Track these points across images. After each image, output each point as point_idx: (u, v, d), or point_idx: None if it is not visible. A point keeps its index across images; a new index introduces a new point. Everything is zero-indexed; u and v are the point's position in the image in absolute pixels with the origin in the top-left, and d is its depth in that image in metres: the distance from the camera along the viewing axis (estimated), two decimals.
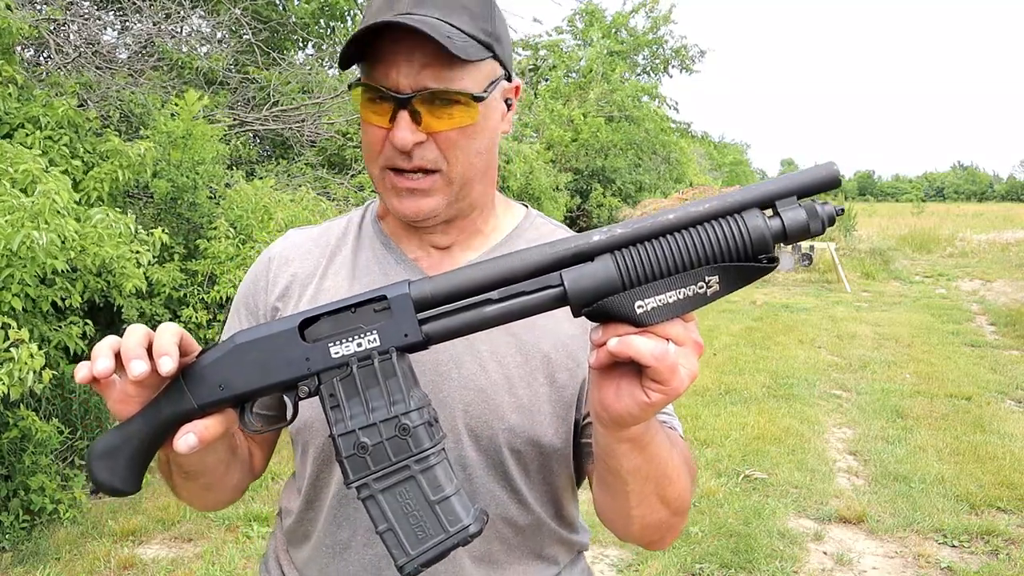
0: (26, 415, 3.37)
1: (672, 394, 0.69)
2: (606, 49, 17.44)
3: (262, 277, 1.04)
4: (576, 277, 0.69)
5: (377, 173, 0.93)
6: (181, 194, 4.74)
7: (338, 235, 1.06)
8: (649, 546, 0.96)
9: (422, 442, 0.74)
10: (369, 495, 0.74)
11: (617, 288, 0.68)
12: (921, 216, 29.13)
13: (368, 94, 0.88)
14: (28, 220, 2.97)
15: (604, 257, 0.69)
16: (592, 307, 0.68)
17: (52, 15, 5.07)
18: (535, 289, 0.71)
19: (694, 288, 0.67)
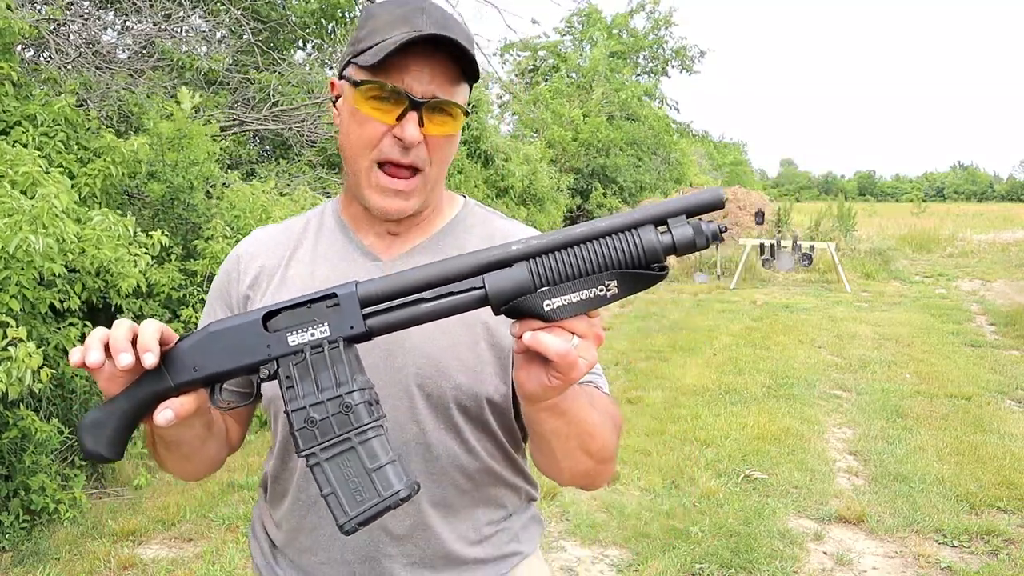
0: (26, 415, 3.37)
1: (570, 382, 0.82)
2: (608, 50, 17.45)
3: (233, 271, 1.16)
4: (495, 280, 0.81)
5: (366, 166, 1.04)
6: (178, 194, 4.74)
7: (299, 230, 1.18)
8: (584, 488, 1.09)
9: (362, 418, 0.85)
10: (316, 463, 0.85)
11: (530, 290, 0.80)
12: (921, 216, 29.14)
13: (378, 93, 1.00)
14: (26, 224, 2.97)
15: (520, 264, 0.81)
16: (508, 306, 0.80)
17: (52, 15, 5.07)
18: (462, 290, 0.84)
19: (595, 290, 0.79)
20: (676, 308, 10.39)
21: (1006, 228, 22.88)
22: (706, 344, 8.00)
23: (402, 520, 1.07)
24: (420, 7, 1.01)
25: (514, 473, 1.17)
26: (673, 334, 8.49)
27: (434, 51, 0.99)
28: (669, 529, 3.78)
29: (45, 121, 3.99)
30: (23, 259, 2.98)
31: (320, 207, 1.21)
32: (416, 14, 1.00)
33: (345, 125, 1.06)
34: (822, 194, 74.48)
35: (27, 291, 3.15)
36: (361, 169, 1.05)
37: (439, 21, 1.01)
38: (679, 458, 4.72)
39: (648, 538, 3.69)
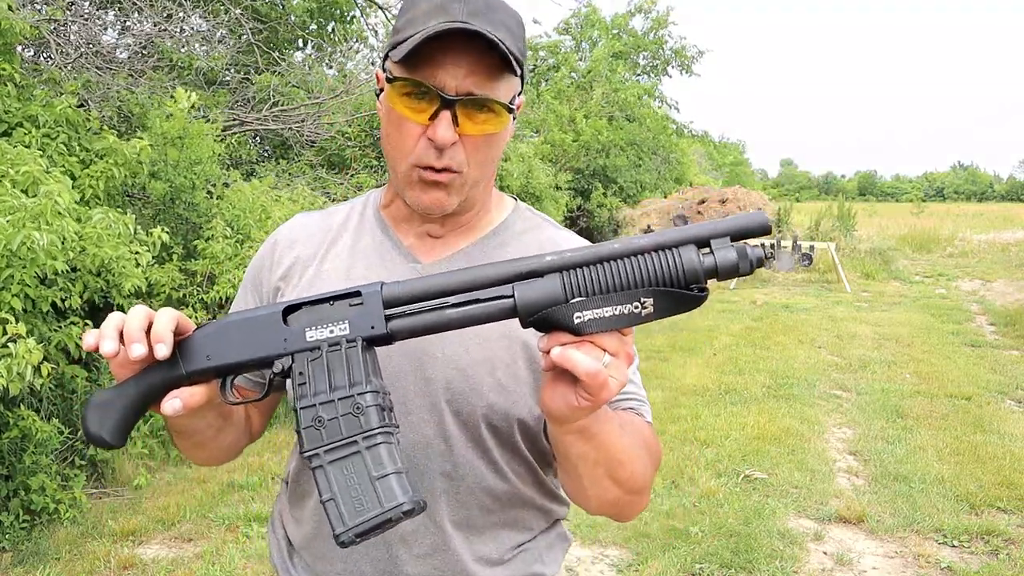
0: (26, 415, 3.37)
1: (598, 403, 0.78)
2: (609, 50, 17.44)
3: (268, 258, 1.12)
4: (525, 291, 0.78)
5: (405, 169, 0.99)
6: (179, 194, 4.74)
7: (340, 221, 1.13)
8: (613, 519, 1.04)
9: (371, 422, 0.82)
10: (319, 465, 0.81)
11: (560, 302, 0.77)
12: (921, 216, 29.12)
13: (411, 90, 0.94)
14: (29, 220, 2.97)
15: (553, 276, 0.78)
16: (536, 316, 0.77)
17: (53, 15, 5.07)
18: (489, 298, 0.81)
19: (630, 307, 0.76)
20: None
21: (1006, 228, 22.86)
22: (706, 344, 8.00)
23: (423, 538, 1.03)
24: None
25: (543, 495, 1.11)
26: (673, 334, 8.49)
27: (468, 42, 0.91)
28: (669, 529, 3.78)
29: (47, 122, 4.00)
30: (26, 256, 2.98)
31: (363, 198, 1.16)
32: (454, 3, 0.92)
33: (385, 124, 1.01)
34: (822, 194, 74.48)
35: (29, 289, 3.15)
36: (400, 172, 1.00)
37: (478, 11, 0.92)
38: (679, 458, 4.72)
39: (648, 538, 3.69)
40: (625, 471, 0.94)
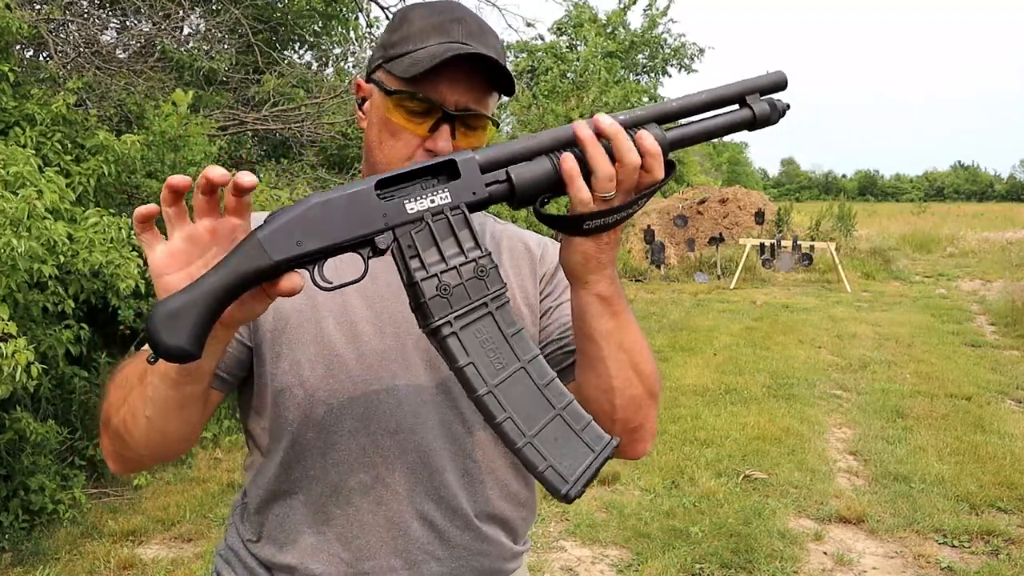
0: (21, 416, 3.36)
1: (613, 197, 0.86)
2: (602, 49, 17.41)
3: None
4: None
5: None
6: None
7: None
8: (631, 437, 1.05)
9: (496, 282, 0.83)
10: (450, 333, 0.80)
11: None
12: (921, 216, 29.13)
13: (412, 104, 0.99)
14: (10, 227, 2.94)
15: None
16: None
17: (51, 14, 5.06)
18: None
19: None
20: (676, 308, 10.39)
21: (1007, 228, 22.86)
22: (706, 344, 8.00)
23: (455, 524, 1.07)
24: (457, 16, 1.00)
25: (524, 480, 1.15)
26: (673, 334, 8.48)
27: (469, 63, 0.98)
28: (669, 529, 3.78)
29: (44, 121, 3.99)
30: (7, 262, 2.95)
31: None
32: (453, 25, 0.99)
33: (375, 132, 1.03)
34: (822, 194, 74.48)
35: (18, 295, 3.13)
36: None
37: (474, 33, 1.00)
38: (679, 458, 4.72)
39: (648, 538, 3.69)
40: (646, 364, 1.00)
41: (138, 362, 0.92)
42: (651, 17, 19.37)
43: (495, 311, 0.82)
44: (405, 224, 0.81)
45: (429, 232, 0.81)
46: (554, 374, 0.85)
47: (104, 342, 4.49)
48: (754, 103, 0.92)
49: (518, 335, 0.83)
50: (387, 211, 0.81)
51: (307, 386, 1.03)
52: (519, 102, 14.77)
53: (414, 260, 0.81)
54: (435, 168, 0.84)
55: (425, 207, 0.81)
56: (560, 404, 0.83)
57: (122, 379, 0.95)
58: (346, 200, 0.80)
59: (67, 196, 3.41)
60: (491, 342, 0.82)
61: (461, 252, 0.82)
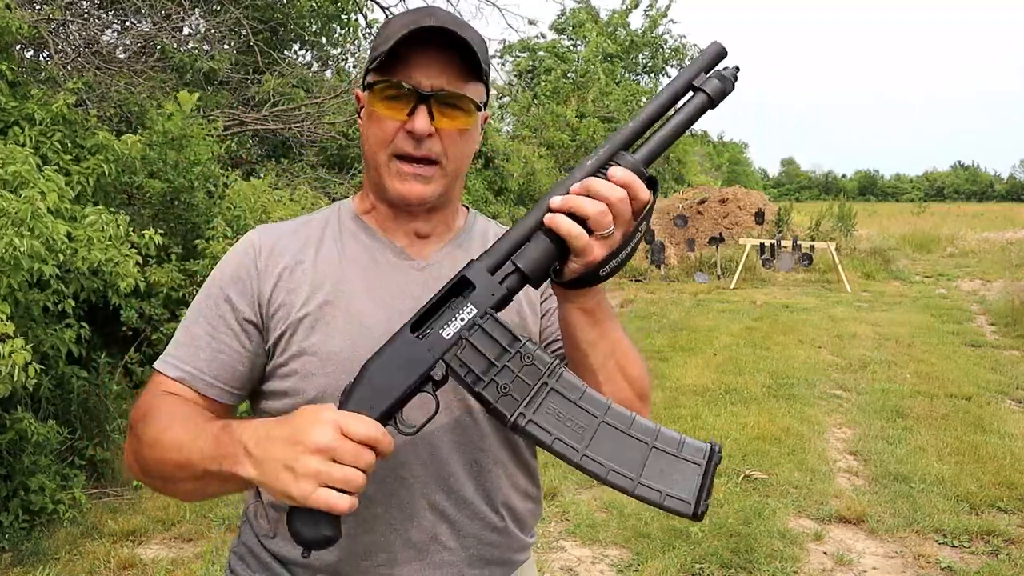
0: (22, 416, 3.36)
1: (586, 263, 0.92)
2: (602, 50, 17.40)
3: (251, 265, 1.11)
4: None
5: (384, 160, 1.07)
6: (178, 194, 4.73)
7: (318, 230, 1.16)
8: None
9: (544, 360, 0.89)
10: (527, 421, 0.88)
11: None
12: (921, 216, 29.13)
13: (389, 91, 1.04)
14: (11, 226, 2.95)
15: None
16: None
17: (51, 14, 5.06)
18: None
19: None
20: (676, 308, 10.38)
21: (1007, 228, 22.86)
22: (706, 344, 7.99)
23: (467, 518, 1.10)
24: (430, 12, 1.05)
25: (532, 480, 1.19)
26: (673, 334, 8.48)
27: (440, 47, 1.02)
28: (669, 529, 3.78)
29: (44, 120, 3.99)
30: (10, 261, 2.95)
31: (328, 212, 1.20)
32: (424, 17, 1.04)
33: (365, 128, 1.10)
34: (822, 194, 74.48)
35: (19, 294, 3.13)
36: (380, 163, 1.08)
37: (447, 22, 1.04)
38: None
39: (648, 538, 3.69)
40: (634, 369, 1.06)
41: (196, 445, 0.96)
42: (652, 18, 19.37)
43: (555, 385, 0.89)
44: (449, 349, 0.90)
45: (471, 347, 0.90)
46: (632, 414, 0.91)
47: (104, 342, 4.49)
48: (704, 84, 0.93)
49: (585, 395, 0.89)
50: (430, 346, 0.91)
51: (323, 375, 1.06)
52: (518, 102, 14.76)
53: (469, 376, 0.89)
54: (452, 290, 0.93)
55: (459, 327, 0.91)
56: (651, 438, 0.90)
57: (174, 443, 0.98)
58: (392, 354, 0.91)
59: (66, 195, 3.41)
60: (565, 413, 0.88)
61: (504, 350, 0.89)
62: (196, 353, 1.08)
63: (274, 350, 1.08)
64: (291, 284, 1.09)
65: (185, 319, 1.12)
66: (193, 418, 1.01)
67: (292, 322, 1.07)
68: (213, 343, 1.08)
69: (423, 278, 1.12)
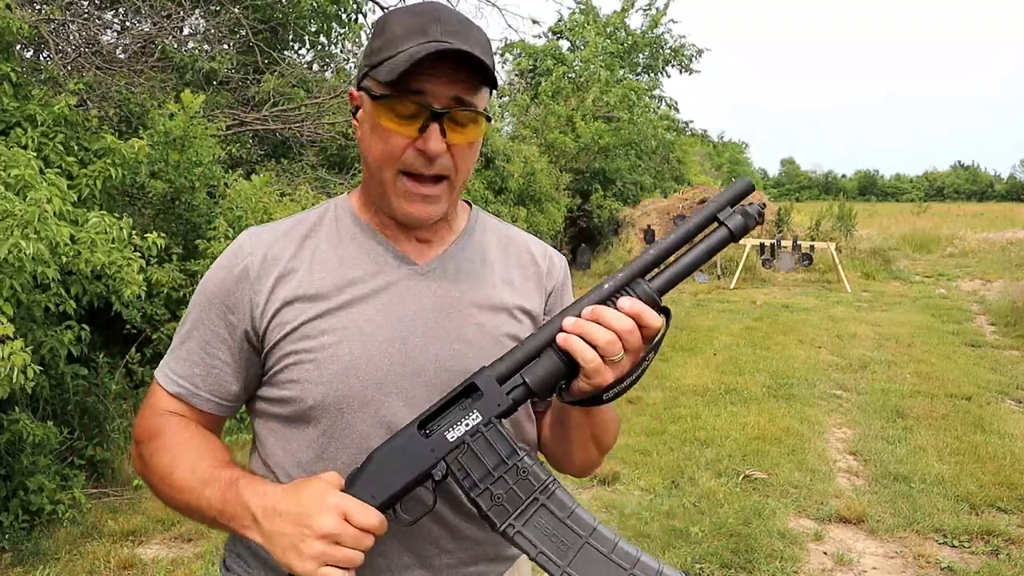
0: (19, 417, 3.35)
1: (595, 386, 0.94)
2: (603, 50, 17.40)
3: (242, 273, 1.07)
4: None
5: (390, 177, 1.03)
6: (179, 194, 4.73)
7: (308, 230, 1.12)
8: (578, 475, 1.20)
9: (540, 476, 0.93)
10: (516, 532, 0.91)
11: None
12: (921, 216, 29.13)
13: (399, 106, 0.99)
14: (17, 229, 2.95)
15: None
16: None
17: (51, 14, 5.06)
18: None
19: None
20: (676, 308, 10.38)
21: (1007, 228, 22.86)
22: (706, 344, 8.00)
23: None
24: (435, 16, 1.00)
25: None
26: (673, 334, 8.48)
27: (452, 60, 0.98)
28: (669, 529, 3.78)
29: (45, 122, 3.99)
30: (14, 264, 2.96)
31: (325, 207, 1.16)
32: (431, 24, 0.99)
33: (367, 139, 1.05)
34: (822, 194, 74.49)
35: (21, 295, 3.14)
36: (386, 180, 1.04)
37: (455, 30, 0.99)
38: (679, 458, 4.72)
39: (648, 538, 3.69)
40: (608, 438, 1.12)
41: (204, 495, 0.99)
42: (652, 18, 19.37)
43: (546, 501, 0.92)
44: (451, 451, 0.94)
45: (472, 452, 0.93)
46: (616, 538, 0.94)
47: (104, 341, 4.49)
48: (728, 219, 0.95)
49: (573, 516, 0.92)
50: (434, 446, 0.94)
51: (322, 383, 1.04)
52: (518, 103, 14.76)
53: (466, 480, 0.93)
54: (461, 392, 0.96)
55: (462, 432, 0.94)
56: (630, 565, 0.92)
57: (182, 485, 1.02)
58: (398, 449, 0.95)
59: (68, 198, 3.41)
60: (552, 529, 0.92)
61: (503, 461, 0.93)
62: (191, 368, 1.08)
63: (270, 359, 1.06)
64: (287, 292, 1.06)
65: (181, 329, 1.11)
66: (200, 456, 1.03)
67: (289, 331, 1.04)
68: (207, 359, 1.07)
69: (425, 283, 1.10)
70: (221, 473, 1.00)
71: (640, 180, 16.26)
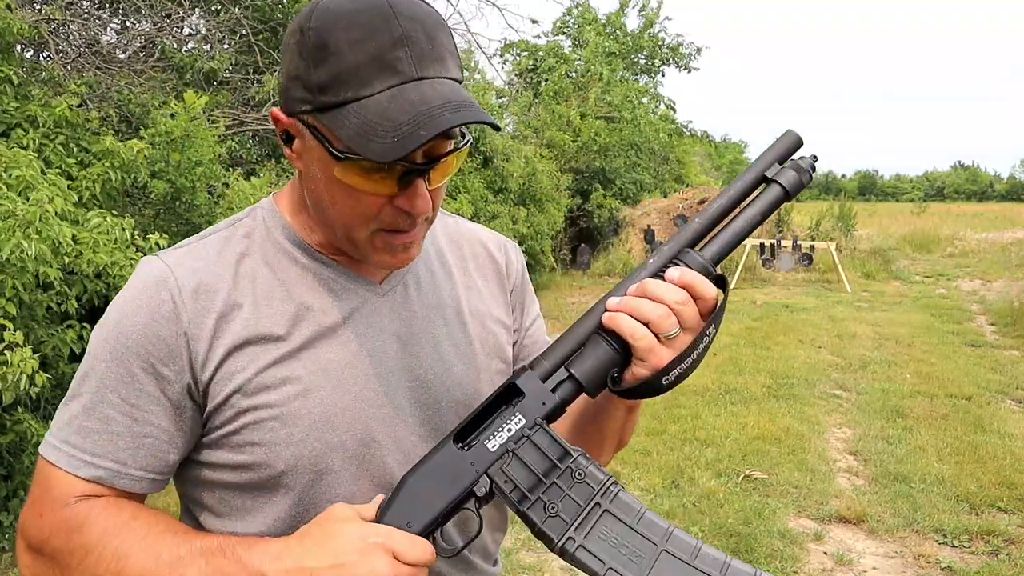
0: (22, 418, 3.36)
1: (651, 368, 0.84)
2: (604, 49, 17.41)
3: (170, 315, 0.85)
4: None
5: (365, 235, 0.85)
6: (179, 194, 4.73)
7: (246, 248, 0.92)
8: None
9: (598, 477, 0.81)
10: (577, 547, 0.79)
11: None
12: (921, 216, 29.13)
13: (371, 165, 0.79)
14: (19, 229, 2.96)
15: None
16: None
17: (51, 15, 5.06)
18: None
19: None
20: None
21: (1007, 228, 22.86)
22: None
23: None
24: (396, 36, 0.77)
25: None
26: None
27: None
28: None
29: (46, 123, 3.99)
30: (16, 264, 2.97)
31: (247, 222, 0.95)
32: (397, 52, 0.77)
33: (323, 190, 0.84)
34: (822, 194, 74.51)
35: (24, 295, 3.14)
36: (359, 238, 0.86)
37: (423, 52, 0.78)
38: (679, 458, 4.72)
39: None
40: (628, 436, 1.04)
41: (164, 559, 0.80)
42: (647, 17, 19.38)
43: (609, 506, 0.80)
44: (494, 463, 0.82)
45: (518, 460, 0.82)
46: (698, 543, 0.80)
47: None
48: (778, 175, 0.88)
49: (643, 520, 0.80)
50: (474, 459, 0.82)
51: (293, 443, 0.87)
52: (519, 102, 14.76)
53: (514, 492, 0.81)
54: (500, 397, 0.85)
55: (504, 439, 0.82)
56: (719, 572, 0.79)
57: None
58: (433, 466, 0.83)
59: (69, 198, 3.42)
60: (619, 537, 0.79)
61: (554, 465, 0.81)
62: (112, 442, 0.84)
63: (217, 417, 0.86)
64: (233, 334, 0.86)
65: (78, 393, 0.86)
66: (158, 534, 0.82)
67: (241, 383, 0.85)
68: (136, 426, 0.84)
69: (388, 305, 0.94)
70: (200, 543, 0.81)
71: (640, 179, 16.25)
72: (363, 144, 0.76)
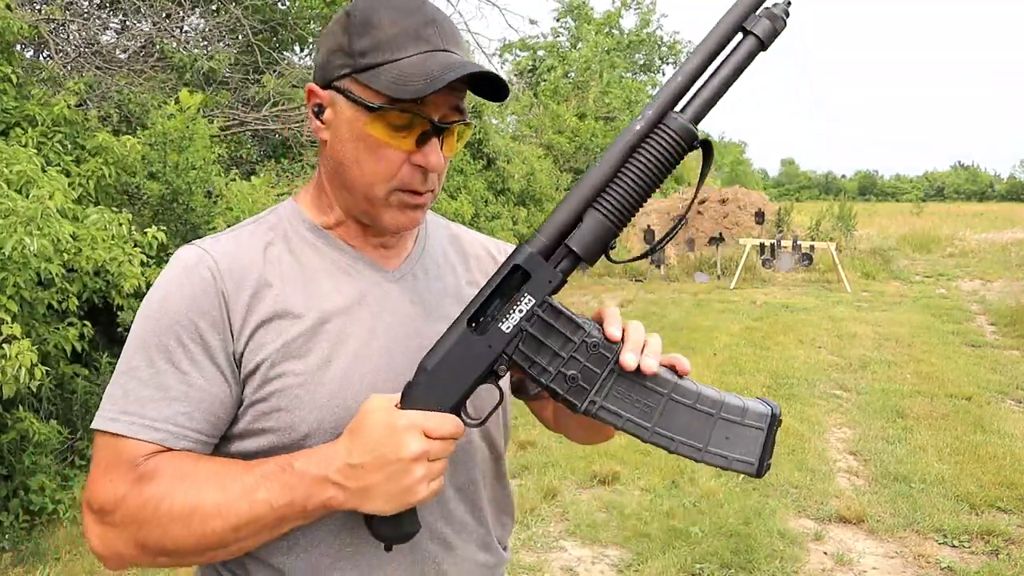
0: (24, 416, 3.36)
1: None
2: (602, 47, 17.42)
3: (211, 290, 0.94)
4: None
5: (382, 193, 0.96)
6: (176, 196, 4.73)
7: (272, 236, 1.02)
8: (580, 443, 1.21)
9: (610, 345, 0.89)
10: (599, 407, 0.89)
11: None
12: (921, 216, 29.13)
13: (396, 119, 0.92)
14: (21, 225, 2.96)
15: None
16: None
17: (51, 14, 5.07)
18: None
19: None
20: (676, 308, 10.38)
21: (1006, 228, 22.86)
22: (706, 344, 7.99)
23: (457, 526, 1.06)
24: (429, 17, 0.94)
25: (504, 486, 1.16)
26: (673, 334, 8.48)
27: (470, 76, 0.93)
28: (669, 529, 3.78)
29: (44, 122, 3.99)
30: (19, 260, 2.97)
31: (271, 218, 1.05)
32: (428, 28, 0.93)
33: (346, 149, 0.96)
34: (822, 194, 74.52)
35: (25, 292, 3.15)
36: (376, 197, 0.96)
37: (448, 34, 0.95)
38: (679, 458, 4.71)
39: (648, 538, 3.69)
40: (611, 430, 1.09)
41: (257, 499, 0.87)
42: (643, 16, 19.39)
43: (618, 367, 0.89)
44: (510, 342, 0.88)
45: (532, 338, 0.88)
46: (700, 388, 0.92)
47: (106, 341, 4.49)
48: (753, 25, 0.88)
49: (653, 376, 0.89)
50: (490, 341, 0.89)
51: (315, 408, 0.95)
52: (519, 102, 14.77)
53: (533, 368, 0.88)
54: (505, 279, 0.89)
55: (517, 320, 0.88)
56: (715, 410, 0.91)
57: (220, 509, 0.87)
58: (452, 350, 0.89)
59: (69, 195, 3.42)
60: (632, 394, 0.89)
61: (568, 339, 0.88)
62: (172, 406, 0.91)
63: (248, 386, 0.94)
64: (264, 310, 0.95)
65: (134, 370, 0.92)
66: (224, 471, 0.89)
67: (270, 353, 0.93)
68: (191, 391, 0.92)
69: (399, 289, 1.04)
70: (260, 469, 0.88)
71: None
72: (399, 89, 0.89)
